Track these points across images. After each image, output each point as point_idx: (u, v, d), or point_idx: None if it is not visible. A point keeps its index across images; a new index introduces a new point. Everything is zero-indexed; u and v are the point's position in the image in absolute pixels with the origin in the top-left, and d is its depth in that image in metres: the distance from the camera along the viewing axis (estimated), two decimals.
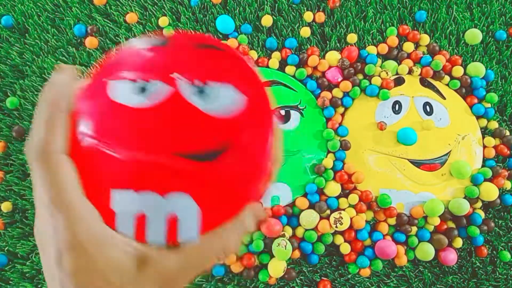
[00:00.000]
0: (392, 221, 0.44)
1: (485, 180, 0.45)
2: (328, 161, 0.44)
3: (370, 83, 0.47)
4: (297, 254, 0.43)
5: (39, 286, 0.42)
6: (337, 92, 0.47)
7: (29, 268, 0.42)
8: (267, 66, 0.48)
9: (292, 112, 0.47)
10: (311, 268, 0.43)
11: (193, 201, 0.20)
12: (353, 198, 0.44)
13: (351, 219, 0.43)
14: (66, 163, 0.19)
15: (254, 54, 0.48)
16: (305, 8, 0.50)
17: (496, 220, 0.45)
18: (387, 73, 0.47)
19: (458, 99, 0.48)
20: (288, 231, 0.43)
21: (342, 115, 0.47)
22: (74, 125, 0.20)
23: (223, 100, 0.20)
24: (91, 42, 0.48)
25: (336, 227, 0.42)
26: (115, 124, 0.20)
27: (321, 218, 0.43)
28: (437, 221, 0.44)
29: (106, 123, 0.20)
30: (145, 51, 0.22)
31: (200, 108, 0.20)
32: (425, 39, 0.49)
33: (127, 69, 0.21)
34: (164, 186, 0.19)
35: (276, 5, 0.50)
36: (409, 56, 0.49)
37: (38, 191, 0.19)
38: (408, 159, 0.45)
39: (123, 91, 0.21)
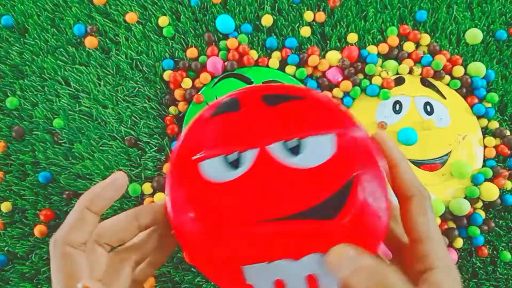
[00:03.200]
0: None
1: (486, 180, 0.45)
2: None
3: (371, 83, 0.47)
4: None
5: (39, 286, 0.42)
6: (338, 92, 0.47)
7: (29, 268, 0.42)
8: (267, 66, 0.48)
9: None
10: None
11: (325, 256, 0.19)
12: None
13: None
14: (70, 255, 0.20)
15: (254, 54, 0.48)
16: (305, 8, 0.50)
17: (497, 220, 0.45)
18: (387, 72, 0.47)
19: (459, 99, 0.48)
20: None
21: None
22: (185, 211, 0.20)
23: (317, 148, 0.20)
24: (90, 41, 0.48)
25: None
26: (226, 203, 0.20)
27: None
28: (437, 221, 0.44)
29: (214, 205, 0.20)
30: (223, 121, 0.21)
31: (299, 165, 0.20)
32: (426, 38, 0.49)
33: (214, 145, 0.21)
34: (294, 251, 0.19)
35: (276, 4, 0.50)
36: (409, 55, 0.49)
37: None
38: (408, 159, 0.45)
39: (218, 168, 0.20)
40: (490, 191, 0.44)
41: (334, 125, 0.20)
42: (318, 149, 0.20)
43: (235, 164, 0.20)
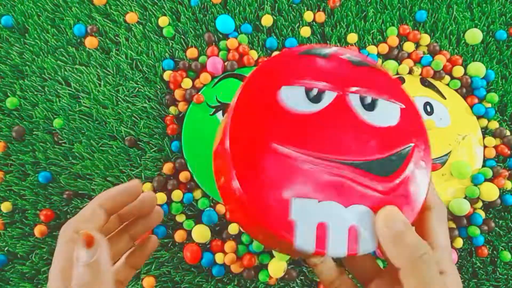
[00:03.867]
0: None
1: (486, 180, 0.45)
2: None
3: None
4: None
5: (39, 286, 0.42)
6: None
7: (29, 268, 0.42)
8: None
9: None
10: (311, 269, 0.43)
11: (372, 212, 0.20)
12: None
13: None
14: (74, 242, 0.21)
15: (254, 54, 0.48)
16: (305, 8, 0.50)
17: (497, 220, 0.45)
18: None
19: (459, 99, 0.48)
20: None
21: None
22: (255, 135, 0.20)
23: (389, 112, 0.22)
24: (91, 42, 0.48)
25: None
26: (296, 132, 0.21)
27: None
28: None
29: (285, 130, 0.20)
30: (310, 60, 0.23)
31: (368, 119, 0.22)
32: (426, 39, 0.49)
33: (299, 76, 0.22)
34: (347, 197, 0.20)
35: (276, 4, 0.50)
36: (409, 56, 0.49)
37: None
38: None
39: (297, 98, 0.21)
40: (490, 191, 0.44)
41: (401, 98, 0.23)
42: (387, 113, 0.22)
43: (313, 100, 0.21)
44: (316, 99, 0.21)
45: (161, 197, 0.43)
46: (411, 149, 0.21)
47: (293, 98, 0.21)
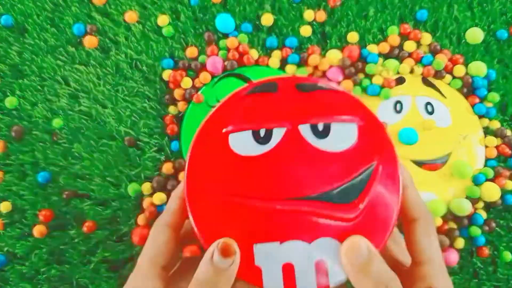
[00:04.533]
0: None
1: (487, 180, 0.45)
2: None
3: (371, 83, 0.47)
4: None
5: (39, 286, 0.42)
6: None
7: (28, 269, 0.42)
8: (268, 65, 0.48)
9: None
10: None
11: (339, 243, 0.19)
12: None
13: None
14: (163, 234, 0.22)
15: (254, 53, 0.47)
16: (305, 7, 0.49)
17: (498, 220, 0.45)
18: (388, 72, 0.47)
19: (460, 98, 0.48)
20: None
21: None
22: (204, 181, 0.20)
23: (342, 134, 0.21)
24: (90, 41, 0.47)
25: None
26: (249, 177, 0.20)
27: None
28: (438, 221, 0.43)
29: (237, 177, 0.20)
30: (258, 99, 0.22)
31: (326, 148, 0.21)
32: (427, 38, 0.49)
33: (245, 119, 0.22)
34: (308, 232, 0.19)
35: (277, 4, 0.49)
36: (410, 55, 0.49)
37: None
38: (409, 159, 0.45)
39: (246, 142, 0.21)
40: (491, 191, 0.44)
41: (357, 115, 0.22)
42: (342, 135, 0.21)
43: (263, 141, 0.21)
44: (265, 139, 0.21)
45: (161, 197, 0.42)
46: (374, 168, 0.20)
47: (242, 142, 0.21)
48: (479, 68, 0.48)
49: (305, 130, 0.21)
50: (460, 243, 0.43)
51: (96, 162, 0.44)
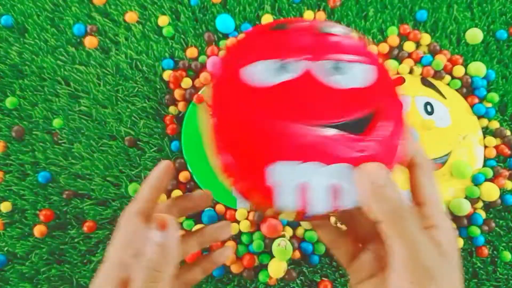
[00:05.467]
0: None
1: (486, 180, 0.45)
2: None
3: None
4: (297, 254, 0.43)
5: (39, 286, 0.42)
6: None
7: (28, 268, 0.42)
8: None
9: None
10: (311, 269, 0.43)
11: (352, 169, 0.20)
12: None
13: None
14: (131, 222, 0.23)
15: None
16: (305, 7, 0.49)
17: (497, 220, 0.45)
18: None
19: (459, 98, 0.48)
20: (289, 231, 0.43)
21: None
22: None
23: (358, 73, 0.22)
24: (90, 41, 0.47)
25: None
26: (274, 102, 0.21)
27: None
28: None
29: (261, 103, 0.21)
30: (282, 34, 0.23)
31: (343, 83, 0.22)
32: (426, 38, 0.49)
33: (270, 49, 0.23)
34: (327, 156, 0.20)
35: (276, 4, 0.50)
36: (410, 55, 0.49)
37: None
38: None
39: (269, 71, 0.22)
40: (491, 191, 0.44)
41: (372, 61, 0.23)
42: (359, 74, 0.22)
43: (284, 70, 0.22)
44: (288, 68, 0.22)
45: (161, 197, 0.42)
46: (384, 107, 0.22)
47: (265, 70, 0.22)
48: (478, 68, 0.48)
49: (326, 64, 0.22)
50: (459, 242, 0.44)
51: (96, 162, 0.44)
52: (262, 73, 0.22)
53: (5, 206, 0.43)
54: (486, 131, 0.47)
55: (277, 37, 0.23)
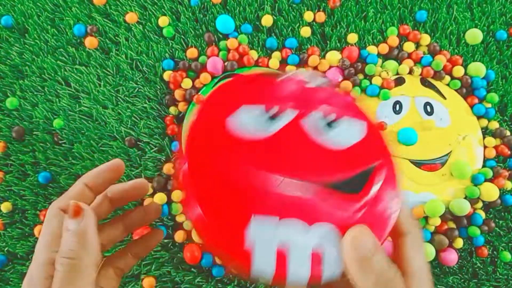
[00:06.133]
0: None
1: (486, 180, 0.45)
2: None
3: (371, 83, 0.47)
4: None
5: None
6: None
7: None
8: (268, 66, 0.48)
9: None
10: None
11: (338, 232, 0.19)
12: None
13: None
14: (56, 218, 0.22)
15: (254, 54, 0.48)
16: (305, 8, 0.50)
17: (497, 220, 0.45)
18: (387, 73, 0.47)
19: (459, 99, 0.48)
20: None
21: None
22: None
23: (350, 130, 0.21)
24: (90, 42, 0.48)
25: None
26: (257, 154, 0.20)
27: None
28: (438, 221, 0.43)
29: (243, 154, 0.20)
30: (269, 83, 0.22)
31: (332, 139, 0.21)
32: (426, 39, 0.49)
33: (256, 97, 0.21)
34: (312, 215, 0.19)
35: (276, 4, 0.50)
36: (409, 56, 0.49)
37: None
38: (408, 159, 0.45)
39: (257, 118, 0.21)
40: (490, 192, 0.44)
41: (361, 117, 0.22)
42: (350, 131, 0.21)
43: (272, 120, 0.21)
44: (275, 118, 0.21)
45: (161, 197, 0.43)
46: (379, 166, 0.21)
47: (251, 118, 0.20)
48: (478, 68, 0.48)
49: (315, 118, 0.21)
50: (459, 243, 0.44)
51: (96, 163, 0.44)
52: (247, 123, 0.20)
53: (5, 206, 0.43)
54: (486, 132, 0.47)
55: (264, 87, 0.22)
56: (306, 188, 0.19)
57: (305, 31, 0.49)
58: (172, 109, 0.46)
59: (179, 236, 0.42)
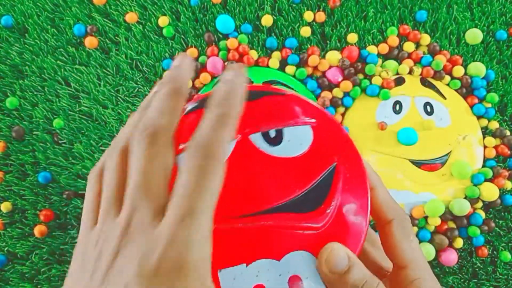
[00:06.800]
0: None
1: (486, 180, 0.45)
2: None
3: (371, 83, 0.47)
4: None
5: (39, 286, 0.42)
6: (338, 92, 0.47)
7: (29, 269, 0.42)
8: (267, 66, 0.48)
9: None
10: None
11: (311, 254, 0.18)
12: None
13: None
14: (171, 148, 0.17)
15: (254, 54, 0.48)
16: (305, 8, 0.50)
17: (497, 220, 0.45)
18: (387, 73, 0.47)
19: (459, 99, 0.48)
20: None
21: (343, 115, 0.47)
22: None
23: (297, 137, 0.19)
24: (90, 42, 0.47)
25: None
26: None
27: None
28: (437, 221, 0.43)
29: None
30: (200, 116, 0.19)
31: (281, 155, 0.19)
32: (426, 39, 0.49)
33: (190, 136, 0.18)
34: (276, 249, 0.17)
35: (276, 4, 0.50)
36: (409, 56, 0.49)
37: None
38: (408, 159, 0.45)
39: None
40: (490, 191, 0.44)
41: (310, 117, 0.20)
42: (296, 139, 0.19)
43: None
44: None
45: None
46: (336, 169, 0.19)
47: None
48: (478, 68, 0.48)
49: (256, 139, 0.19)
50: (459, 243, 0.44)
51: (96, 163, 0.44)
52: None
53: (5, 206, 0.43)
54: (486, 131, 0.47)
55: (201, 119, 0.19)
56: (263, 220, 0.18)
57: (305, 31, 0.49)
58: None
59: None
